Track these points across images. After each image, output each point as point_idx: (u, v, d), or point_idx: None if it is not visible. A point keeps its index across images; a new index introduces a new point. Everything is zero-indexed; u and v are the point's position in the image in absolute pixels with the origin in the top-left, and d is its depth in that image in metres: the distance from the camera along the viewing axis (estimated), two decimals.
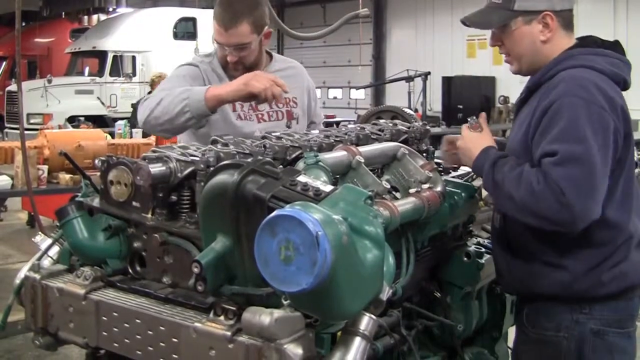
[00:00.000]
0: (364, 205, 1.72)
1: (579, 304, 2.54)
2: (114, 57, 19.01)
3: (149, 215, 2.16)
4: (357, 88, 20.76)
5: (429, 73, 15.27)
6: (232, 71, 3.38)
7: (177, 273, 2.11)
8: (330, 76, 25.62)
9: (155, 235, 2.12)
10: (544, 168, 2.36)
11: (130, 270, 2.24)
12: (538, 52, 2.65)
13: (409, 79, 15.30)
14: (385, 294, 1.82)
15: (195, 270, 1.79)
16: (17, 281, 2.32)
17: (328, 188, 1.76)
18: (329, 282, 1.49)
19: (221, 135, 2.46)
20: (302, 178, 1.80)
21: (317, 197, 1.71)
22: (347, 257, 1.54)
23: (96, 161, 2.51)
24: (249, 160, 1.94)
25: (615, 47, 2.68)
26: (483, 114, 2.77)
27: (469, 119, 2.73)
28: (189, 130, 3.28)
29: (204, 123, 3.24)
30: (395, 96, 18.80)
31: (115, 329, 2.07)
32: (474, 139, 2.68)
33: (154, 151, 2.30)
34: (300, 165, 2.11)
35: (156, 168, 2.13)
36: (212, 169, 2.02)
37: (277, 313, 1.71)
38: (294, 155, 2.35)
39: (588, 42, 2.68)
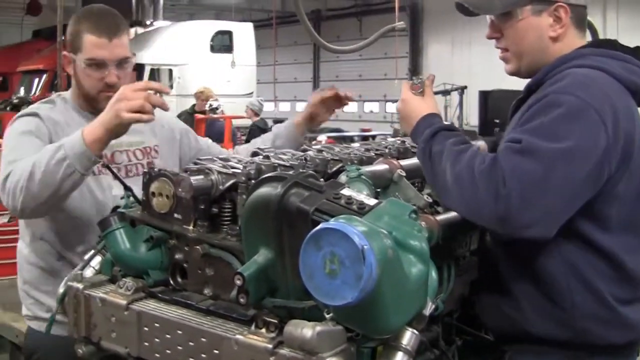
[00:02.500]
0: (408, 219, 1.71)
1: (575, 353, 2.20)
2: (151, 70, 19.16)
3: (191, 227, 2.16)
4: (394, 101, 20.78)
5: (465, 87, 15.26)
6: (105, 102, 2.67)
7: (218, 285, 2.12)
8: (366, 90, 25.67)
9: (197, 247, 2.13)
10: (498, 152, 2.04)
11: (171, 282, 2.25)
12: (544, 51, 2.29)
13: (446, 92, 15.31)
14: (429, 309, 1.81)
15: (238, 282, 1.80)
16: (61, 290, 2.35)
17: (372, 202, 1.76)
18: (374, 296, 1.49)
19: (261, 148, 2.47)
20: (345, 191, 1.80)
21: (361, 210, 1.71)
22: (392, 272, 1.54)
23: None
24: (292, 173, 1.94)
25: (636, 53, 2.30)
26: (432, 75, 2.42)
27: (413, 78, 2.41)
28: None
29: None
30: None
31: (157, 340, 2.08)
32: (416, 103, 2.32)
33: (195, 163, 2.32)
34: (343, 178, 2.10)
35: (198, 180, 2.15)
36: (253, 181, 2.03)
37: (320, 327, 1.71)
38: (334, 169, 2.34)
39: (602, 43, 2.36)
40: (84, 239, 2.77)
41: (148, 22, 20.44)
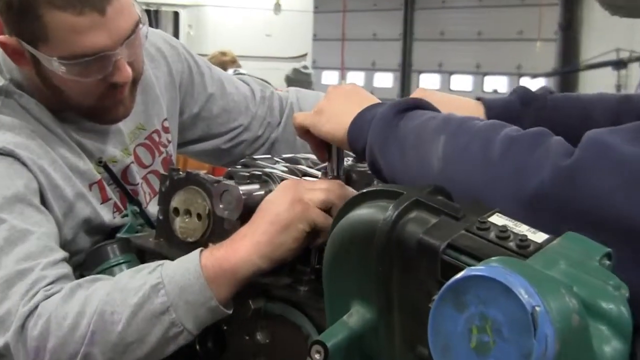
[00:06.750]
0: (598, 267, 1.69)
1: None
2: (147, 11, 19.40)
3: None
4: (534, 76, 20.65)
5: None
6: (115, 111, 2.59)
7: (276, 358, 2.14)
8: (489, 56, 25.53)
9: (248, 300, 2.14)
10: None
11: (198, 351, 2.27)
12: None
13: (620, 64, 15.22)
14: None
15: (317, 357, 1.81)
16: None
17: (540, 237, 1.75)
18: None
19: None
20: (496, 218, 1.79)
21: (524, 250, 1.70)
22: (576, 350, 1.54)
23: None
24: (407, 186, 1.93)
25: None
26: None
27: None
28: None
29: None
30: (595, 90, 18.66)
31: None
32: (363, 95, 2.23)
33: (244, 165, 2.33)
34: None
35: (250, 192, 2.17)
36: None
37: None
38: None
39: None
40: None
41: None
